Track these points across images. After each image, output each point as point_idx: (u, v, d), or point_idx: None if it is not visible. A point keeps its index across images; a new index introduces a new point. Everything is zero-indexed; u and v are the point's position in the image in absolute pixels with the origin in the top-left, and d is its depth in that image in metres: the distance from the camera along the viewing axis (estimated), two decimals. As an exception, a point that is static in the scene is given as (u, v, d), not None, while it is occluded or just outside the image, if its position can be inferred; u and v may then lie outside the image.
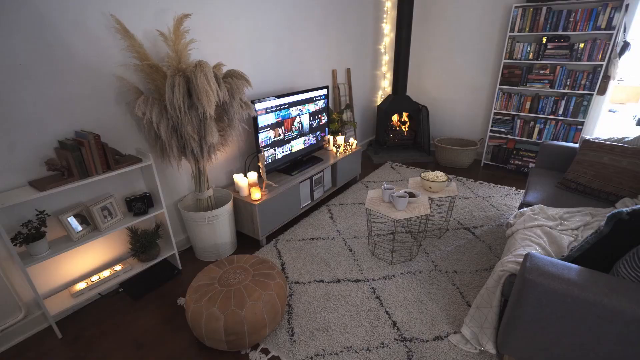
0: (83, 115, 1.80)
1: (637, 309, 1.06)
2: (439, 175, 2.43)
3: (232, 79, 1.91)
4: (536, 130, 3.59)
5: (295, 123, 2.88)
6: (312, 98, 2.99)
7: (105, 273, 1.97)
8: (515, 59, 3.48)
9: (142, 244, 2.04)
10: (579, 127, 3.38)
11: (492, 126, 3.82)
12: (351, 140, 3.44)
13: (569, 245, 1.66)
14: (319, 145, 3.27)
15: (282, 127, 2.74)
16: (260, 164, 2.43)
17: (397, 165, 4.05)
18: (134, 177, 2.08)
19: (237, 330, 1.59)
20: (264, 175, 2.48)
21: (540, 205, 1.99)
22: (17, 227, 1.64)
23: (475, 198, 3.18)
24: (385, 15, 4.28)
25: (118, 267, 2.02)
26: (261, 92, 2.84)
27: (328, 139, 3.37)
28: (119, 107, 1.93)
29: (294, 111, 2.81)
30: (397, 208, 2.14)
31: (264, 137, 2.57)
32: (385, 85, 4.71)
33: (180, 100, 1.69)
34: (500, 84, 3.62)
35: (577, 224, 1.83)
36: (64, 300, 1.81)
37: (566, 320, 1.20)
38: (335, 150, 3.33)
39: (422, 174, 2.45)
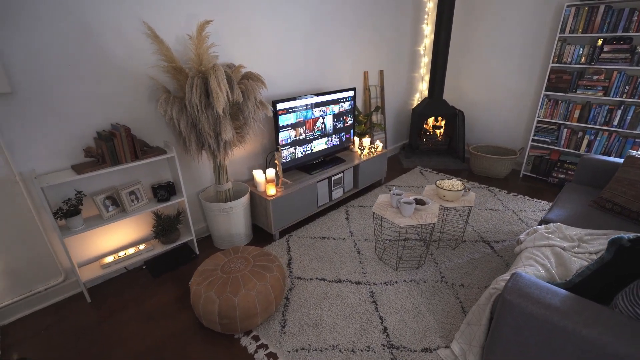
0: (119, 110, 2.05)
1: (617, 346, 0.97)
2: (455, 183, 2.34)
3: (247, 81, 2.04)
4: (585, 141, 3.25)
5: (318, 124, 2.94)
6: (337, 99, 3.03)
7: (131, 250, 2.23)
8: (565, 63, 3.19)
9: (163, 227, 2.27)
10: (637, 140, 2.99)
11: (534, 135, 3.53)
12: (377, 142, 3.42)
13: (580, 269, 1.52)
14: (344, 146, 3.30)
15: (304, 127, 2.82)
16: (276, 162, 2.54)
17: (427, 171, 3.93)
18: (160, 167, 2.32)
19: (229, 315, 1.71)
20: (280, 173, 2.59)
21: (558, 223, 1.84)
22: (59, 204, 1.93)
23: (504, 211, 2.98)
24: (426, 16, 4.16)
25: (142, 246, 2.27)
26: (286, 92, 2.95)
27: (354, 140, 3.39)
28: (151, 104, 2.16)
29: (316, 112, 2.88)
30: (403, 214, 2.11)
31: (284, 136, 2.68)
32: (423, 88, 4.57)
33: (197, 99, 1.85)
34: (546, 90, 3.34)
35: (597, 247, 1.66)
36: (95, 270, 2.09)
37: (545, 347, 1.12)
38: (359, 152, 3.34)
39: (438, 182, 2.38)
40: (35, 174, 1.81)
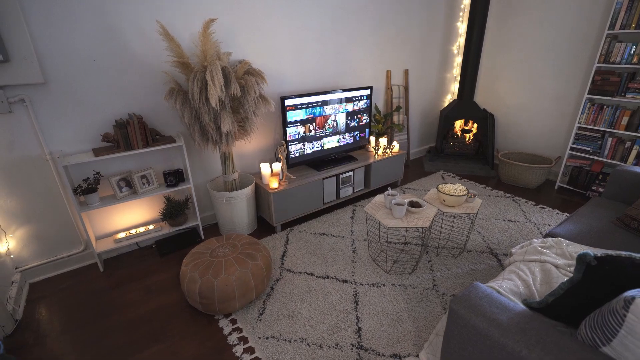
0: (137, 101, 2.27)
1: (553, 371, 0.87)
2: (457, 188, 2.21)
3: (248, 76, 2.13)
4: (634, 152, 2.85)
5: (330, 121, 2.96)
6: (351, 98, 3.02)
7: (141, 229, 2.45)
8: (613, 63, 2.82)
9: (170, 211, 2.46)
10: (699, 154, 2.56)
11: (573, 143, 3.18)
12: (394, 143, 3.34)
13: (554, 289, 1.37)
14: (358, 145, 3.28)
15: (314, 124, 2.86)
16: (280, 156, 2.61)
17: (449, 175, 3.73)
18: (173, 155, 2.51)
19: (208, 296, 1.81)
20: (284, 167, 2.66)
21: (559, 239, 1.66)
22: (79, 182, 2.20)
23: (524, 223, 2.74)
24: (461, 14, 3.94)
25: (152, 227, 2.49)
26: (302, 89, 3.00)
27: (369, 139, 3.34)
28: (165, 96, 2.35)
29: (328, 109, 2.90)
30: (394, 216, 2.05)
31: (292, 131, 2.74)
32: (456, 89, 4.34)
33: (197, 92, 1.98)
34: (589, 93, 2.99)
35: (598, 268, 1.47)
36: (108, 243, 2.33)
37: (488, 365, 1.04)
38: (374, 152, 3.29)
39: (440, 185, 2.27)
40: (62, 154, 2.08)
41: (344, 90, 2.93)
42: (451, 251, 2.42)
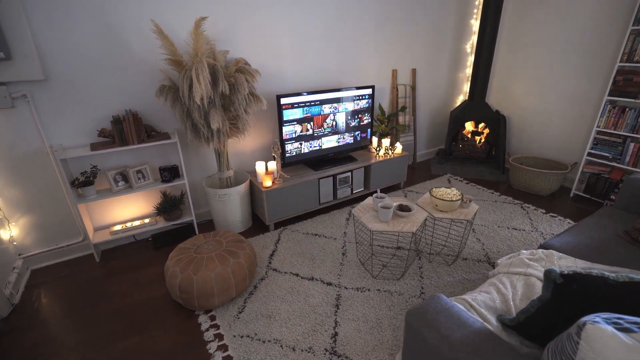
0: (135, 98, 2.33)
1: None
2: (452, 193, 2.11)
3: (238, 74, 2.13)
4: (658, 160, 2.62)
5: (328, 120, 2.92)
6: (352, 97, 2.96)
7: (137, 223, 2.52)
8: (637, 62, 2.60)
9: (165, 205, 2.51)
10: None
11: (592, 148, 2.96)
12: (397, 144, 3.25)
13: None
14: (360, 146, 3.21)
15: (311, 123, 2.82)
16: (274, 154, 2.60)
17: (456, 179, 3.58)
18: (170, 151, 2.56)
19: (187, 291, 1.83)
20: (278, 166, 2.65)
21: (550, 251, 1.54)
22: (77, 175, 2.28)
23: (530, 232, 2.58)
24: (475, 11, 3.77)
25: (147, 220, 2.55)
26: (302, 87, 2.98)
27: (371, 140, 3.27)
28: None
29: (326, 108, 2.86)
30: (379, 219, 1.99)
31: (289, 130, 2.72)
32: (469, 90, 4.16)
33: (186, 89, 2.01)
34: (609, 95, 2.77)
35: (588, 285, 1.35)
36: (105, 235, 2.41)
37: (439, 383, 0.97)
38: (376, 152, 3.21)
39: (433, 189, 2.17)
40: (61, 148, 2.17)
41: (344, 90, 2.88)
42: (445, 258, 2.31)
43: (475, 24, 3.82)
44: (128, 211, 2.56)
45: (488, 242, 2.47)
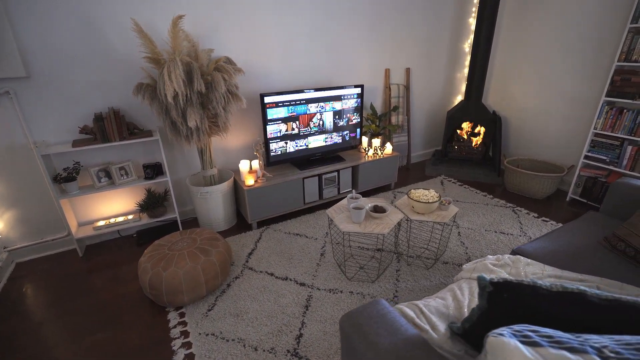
0: (117, 96, 2.36)
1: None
2: (429, 194, 2.06)
3: (215, 72, 2.13)
4: (657, 164, 2.49)
5: (315, 119, 2.89)
6: (339, 96, 2.92)
7: (120, 219, 2.55)
8: (636, 62, 2.48)
9: (148, 202, 2.53)
10: None
11: (588, 151, 2.84)
12: (387, 145, 3.19)
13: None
14: (349, 145, 3.17)
15: (297, 122, 2.81)
16: (256, 153, 2.60)
17: (450, 181, 3.50)
18: (154, 149, 2.59)
19: (157, 287, 1.84)
20: (260, 164, 2.64)
21: (517, 256, 1.47)
22: (60, 171, 2.33)
23: (518, 237, 2.49)
24: (474, 9, 3.68)
25: (130, 217, 2.58)
26: (291, 86, 2.96)
27: (361, 140, 3.23)
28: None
29: (312, 107, 2.83)
30: (352, 220, 1.96)
31: (273, 129, 2.71)
32: (468, 89, 4.06)
33: (162, 87, 2.02)
34: (607, 95, 2.65)
35: (551, 294, 1.28)
36: (88, 230, 2.46)
37: (370, 390, 0.94)
38: (365, 152, 3.17)
39: (411, 190, 2.12)
40: (44, 144, 2.22)
41: (331, 89, 2.85)
42: (425, 262, 2.26)
43: (473, 22, 3.73)
44: (113, 207, 2.60)
45: (472, 246, 2.40)
